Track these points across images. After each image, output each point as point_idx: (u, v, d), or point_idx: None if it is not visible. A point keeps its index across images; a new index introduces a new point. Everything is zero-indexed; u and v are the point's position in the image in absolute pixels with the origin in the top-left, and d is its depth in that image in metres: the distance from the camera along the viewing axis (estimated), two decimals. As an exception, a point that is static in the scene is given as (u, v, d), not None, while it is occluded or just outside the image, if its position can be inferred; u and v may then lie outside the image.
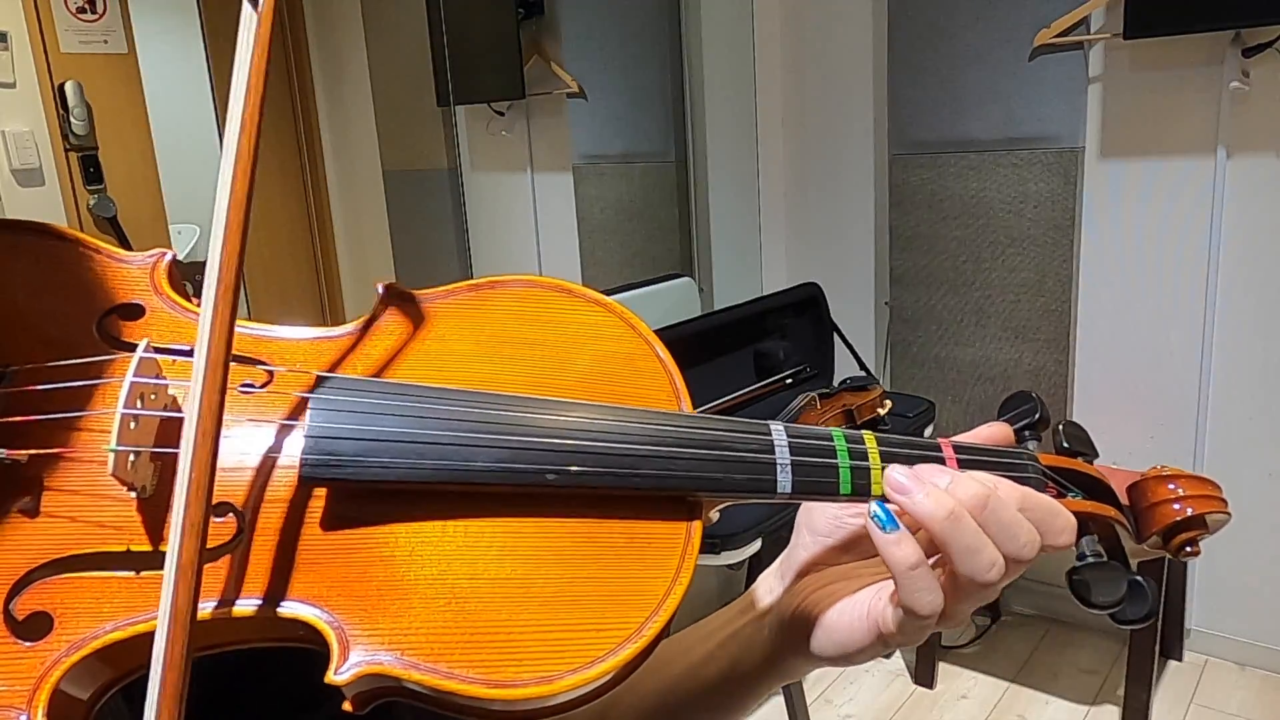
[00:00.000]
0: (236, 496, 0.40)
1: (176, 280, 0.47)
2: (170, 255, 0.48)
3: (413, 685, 0.38)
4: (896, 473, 0.44)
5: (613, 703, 0.44)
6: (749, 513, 2.01)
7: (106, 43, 2.88)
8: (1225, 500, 0.50)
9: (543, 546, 0.41)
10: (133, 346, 0.42)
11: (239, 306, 0.39)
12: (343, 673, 0.37)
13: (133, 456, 0.39)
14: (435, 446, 0.40)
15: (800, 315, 2.76)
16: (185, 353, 0.44)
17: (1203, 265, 2.40)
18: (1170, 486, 0.50)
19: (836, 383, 2.58)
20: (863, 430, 0.46)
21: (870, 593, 0.48)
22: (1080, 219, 2.55)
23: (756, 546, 2.04)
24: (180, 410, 0.42)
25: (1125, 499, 0.51)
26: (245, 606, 0.39)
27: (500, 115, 3.09)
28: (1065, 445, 0.52)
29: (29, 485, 0.40)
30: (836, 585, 0.50)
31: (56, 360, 0.42)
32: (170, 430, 0.41)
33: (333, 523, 0.40)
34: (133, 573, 0.39)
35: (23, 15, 2.66)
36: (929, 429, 2.62)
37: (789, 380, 2.62)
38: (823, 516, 0.52)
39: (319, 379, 0.43)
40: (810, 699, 2.44)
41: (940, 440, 0.47)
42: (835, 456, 0.44)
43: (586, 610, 0.39)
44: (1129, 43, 2.30)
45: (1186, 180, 2.38)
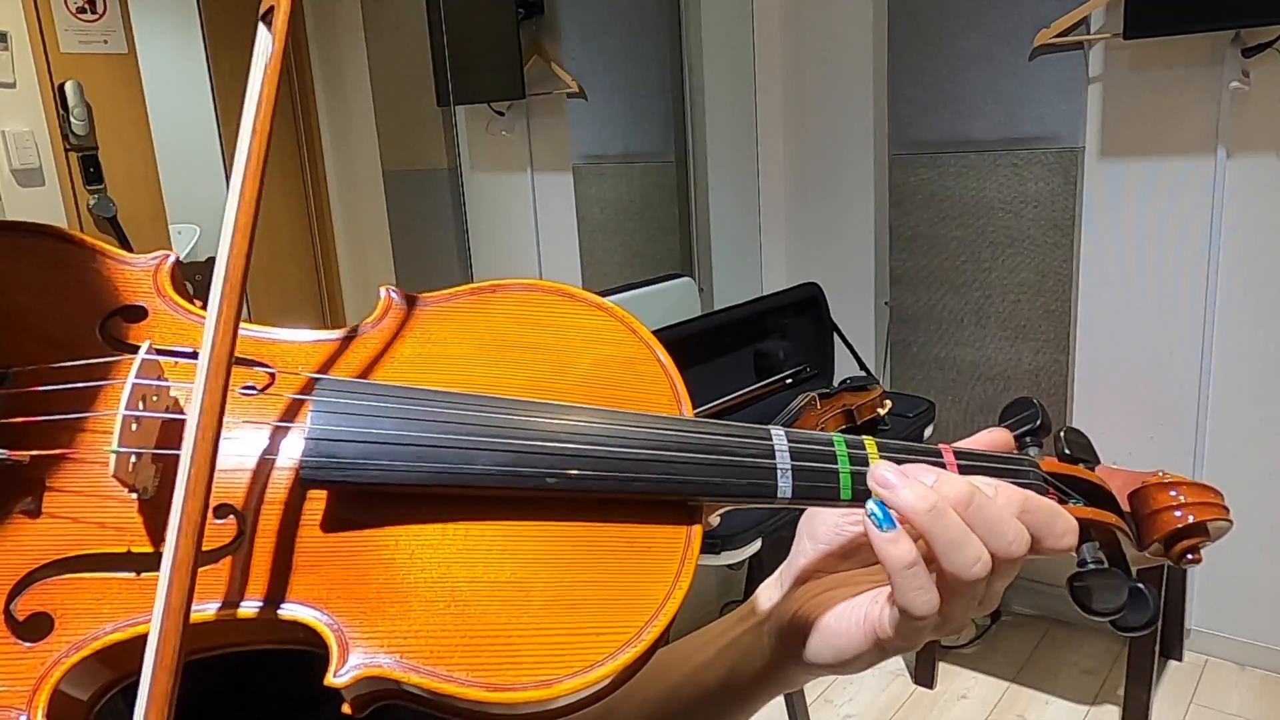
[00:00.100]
0: (237, 498, 0.41)
1: (179, 282, 0.47)
2: (173, 258, 0.48)
3: (412, 688, 0.38)
4: (881, 468, 0.44)
5: (612, 708, 0.44)
6: (749, 513, 2.00)
7: (106, 43, 2.88)
8: (1227, 508, 0.50)
9: (543, 550, 0.41)
10: (135, 348, 0.42)
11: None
12: (342, 675, 0.37)
13: (134, 458, 0.39)
14: (435, 449, 0.40)
15: (800, 315, 2.76)
16: (188, 355, 0.44)
17: (1203, 265, 2.40)
18: (1172, 494, 0.50)
19: (836, 383, 2.58)
20: (864, 435, 0.46)
21: (868, 598, 0.48)
22: (1080, 219, 2.55)
23: (756, 547, 2.04)
24: (182, 412, 0.42)
25: (1126, 506, 0.51)
26: (246, 608, 0.39)
27: (500, 115, 3.09)
28: (1067, 452, 0.51)
29: (31, 486, 0.40)
30: (835, 592, 0.50)
31: (59, 362, 0.43)
32: (172, 432, 0.41)
33: (333, 525, 0.40)
34: (133, 574, 0.39)
35: (23, 15, 2.66)
36: (929, 429, 2.62)
37: (789, 380, 2.62)
38: (824, 524, 0.52)
39: (320, 381, 0.43)
40: (810, 699, 2.44)
41: (941, 446, 0.47)
42: (836, 461, 0.44)
43: (586, 614, 0.39)
44: (1129, 43, 2.30)
45: (1186, 180, 2.38)
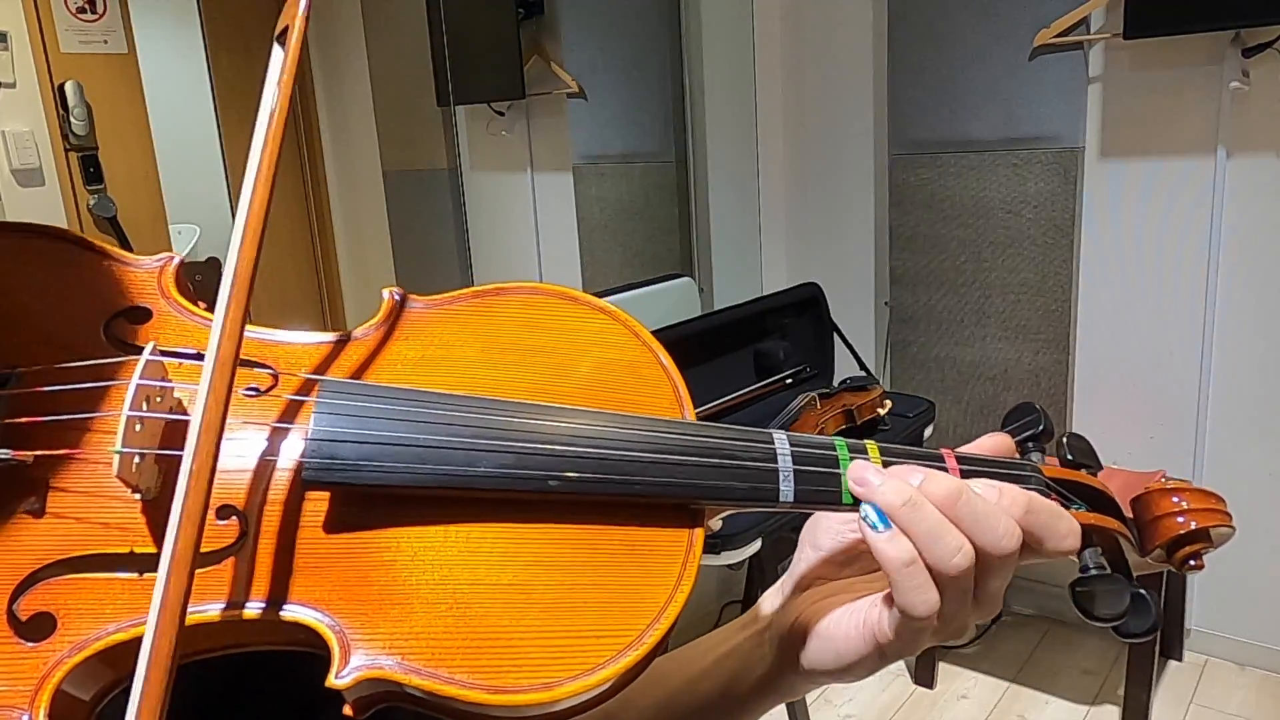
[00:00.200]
0: (240, 499, 0.41)
1: (183, 284, 0.48)
2: (177, 260, 0.48)
3: (413, 690, 0.38)
4: (858, 467, 0.44)
5: (611, 713, 0.44)
6: (750, 514, 2.00)
7: (106, 43, 2.88)
8: (1229, 514, 0.50)
9: (545, 553, 0.41)
10: (139, 349, 0.42)
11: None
12: (343, 677, 0.37)
13: (137, 459, 0.39)
14: (438, 451, 0.41)
15: (800, 315, 2.76)
16: (191, 356, 0.44)
17: (1203, 265, 2.40)
18: (1174, 500, 0.50)
19: (836, 383, 2.58)
20: (866, 440, 0.46)
21: (867, 602, 0.48)
22: (1080, 219, 2.55)
23: (756, 547, 2.04)
24: (186, 413, 0.42)
25: (1128, 511, 0.51)
26: (248, 609, 0.39)
27: (500, 115, 3.09)
28: (1069, 457, 0.51)
29: (35, 486, 0.40)
30: (835, 598, 0.50)
31: (63, 361, 0.43)
32: (175, 433, 0.41)
33: (336, 526, 0.40)
34: (135, 574, 0.39)
35: (23, 15, 2.66)
36: (929, 429, 2.62)
37: (789, 380, 2.62)
38: (825, 530, 0.52)
39: (322, 383, 0.43)
40: (810, 700, 2.44)
41: (943, 450, 0.47)
42: (837, 465, 0.44)
43: (588, 617, 0.39)
44: (1129, 43, 2.30)
45: (1186, 180, 2.38)
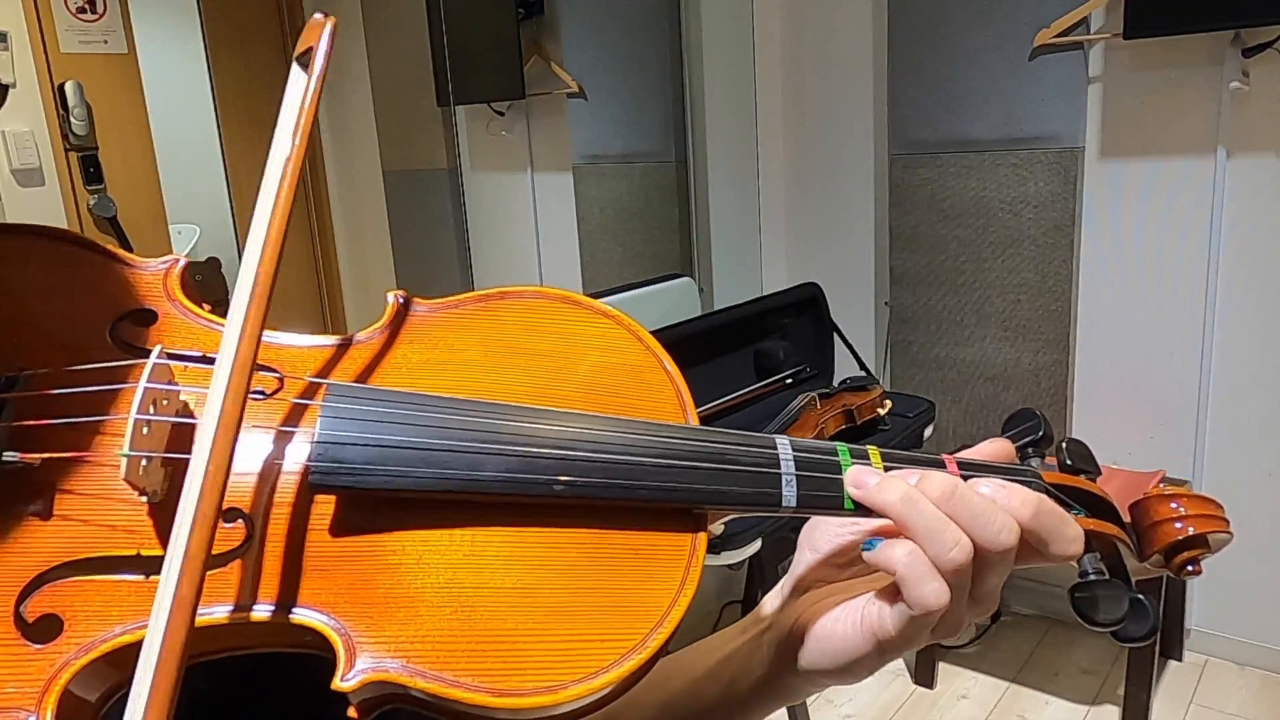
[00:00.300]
0: (245, 502, 0.41)
1: (188, 286, 0.48)
2: (183, 262, 0.48)
3: (418, 692, 0.38)
4: (855, 471, 0.45)
5: (613, 716, 0.44)
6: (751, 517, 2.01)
7: (106, 43, 2.88)
8: (1227, 520, 0.50)
9: (548, 556, 0.41)
10: (145, 352, 0.42)
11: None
12: (349, 679, 0.37)
13: (145, 461, 0.39)
14: (443, 455, 0.41)
15: (800, 315, 2.76)
16: (198, 359, 0.44)
17: (1203, 265, 2.40)
18: (1172, 505, 0.50)
19: (836, 383, 2.58)
20: (868, 445, 0.46)
21: (864, 599, 0.48)
22: (1080, 219, 2.55)
23: (756, 546, 2.04)
24: (192, 416, 0.42)
25: (1127, 516, 0.51)
26: (255, 612, 0.39)
27: (500, 115, 3.09)
28: (1068, 463, 0.51)
29: (42, 489, 0.40)
30: (834, 599, 0.50)
31: (70, 364, 0.43)
32: (182, 436, 0.41)
33: (341, 529, 0.41)
34: (142, 577, 0.39)
35: (23, 15, 2.66)
36: (929, 429, 2.62)
37: (789, 380, 2.62)
38: (824, 533, 0.52)
39: (328, 387, 0.43)
40: (810, 699, 2.44)
41: (944, 456, 0.48)
42: (839, 471, 0.45)
43: (591, 620, 0.39)
44: (1129, 43, 2.30)
45: (1186, 180, 2.38)
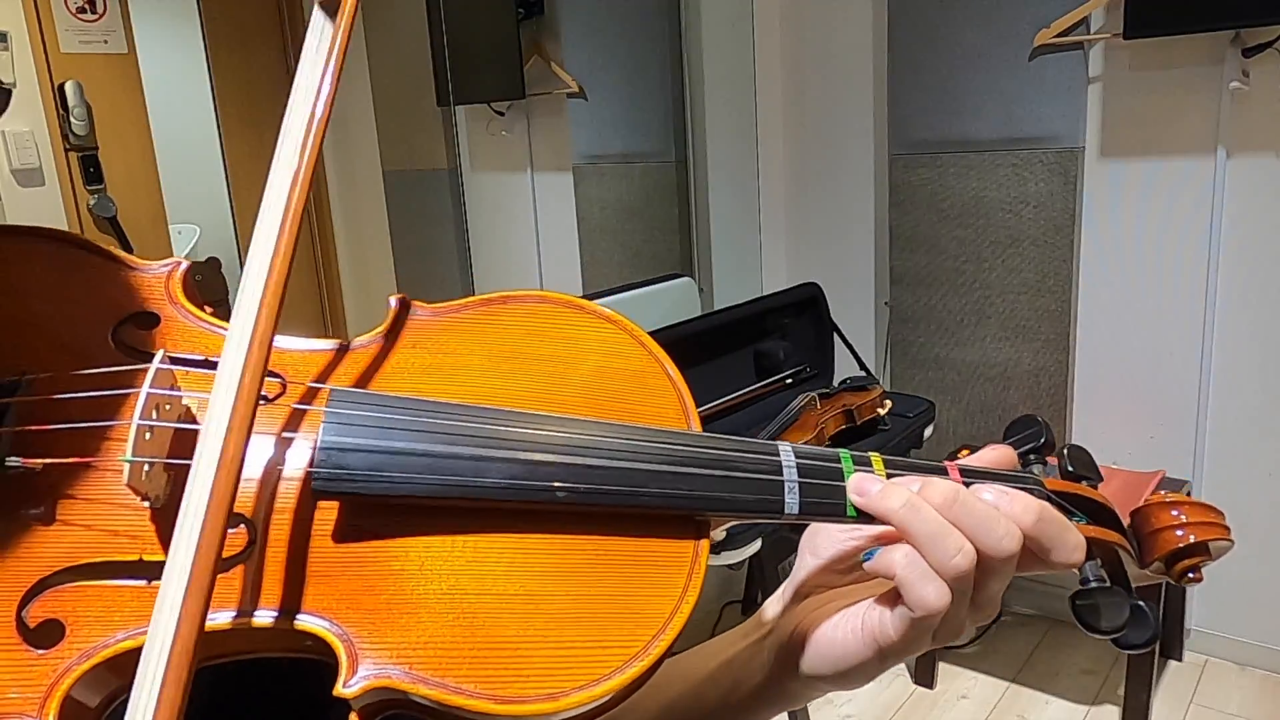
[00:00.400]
0: (248, 507, 0.41)
1: (190, 289, 0.48)
2: (185, 265, 0.48)
3: (420, 699, 0.38)
4: (858, 478, 0.45)
5: (614, 718, 0.44)
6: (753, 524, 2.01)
7: (106, 43, 2.87)
8: (1228, 527, 0.50)
9: (551, 563, 0.41)
10: (147, 356, 0.42)
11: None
12: (351, 686, 0.37)
13: (147, 467, 0.39)
14: (446, 461, 0.41)
15: (800, 315, 2.76)
16: (200, 363, 0.44)
17: (1203, 265, 2.40)
18: (1174, 513, 0.50)
19: (836, 383, 2.58)
20: (871, 452, 0.46)
21: (865, 605, 0.48)
22: (1080, 219, 2.55)
23: (756, 546, 2.04)
24: (195, 422, 0.42)
25: (1127, 523, 0.51)
26: (257, 618, 0.39)
27: (500, 115, 3.09)
28: (1069, 469, 0.51)
29: (45, 493, 0.40)
30: (835, 604, 0.50)
31: (72, 367, 0.43)
32: (184, 441, 0.41)
33: (345, 535, 0.40)
34: (144, 582, 0.39)
35: (23, 15, 2.66)
36: (929, 429, 2.62)
37: (789, 380, 2.62)
38: (825, 538, 0.52)
39: (331, 392, 0.43)
40: (811, 699, 2.44)
41: (946, 463, 0.47)
42: (842, 478, 0.45)
43: (593, 627, 0.39)
44: (1129, 43, 2.30)
45: (1186, 180, 2.38)
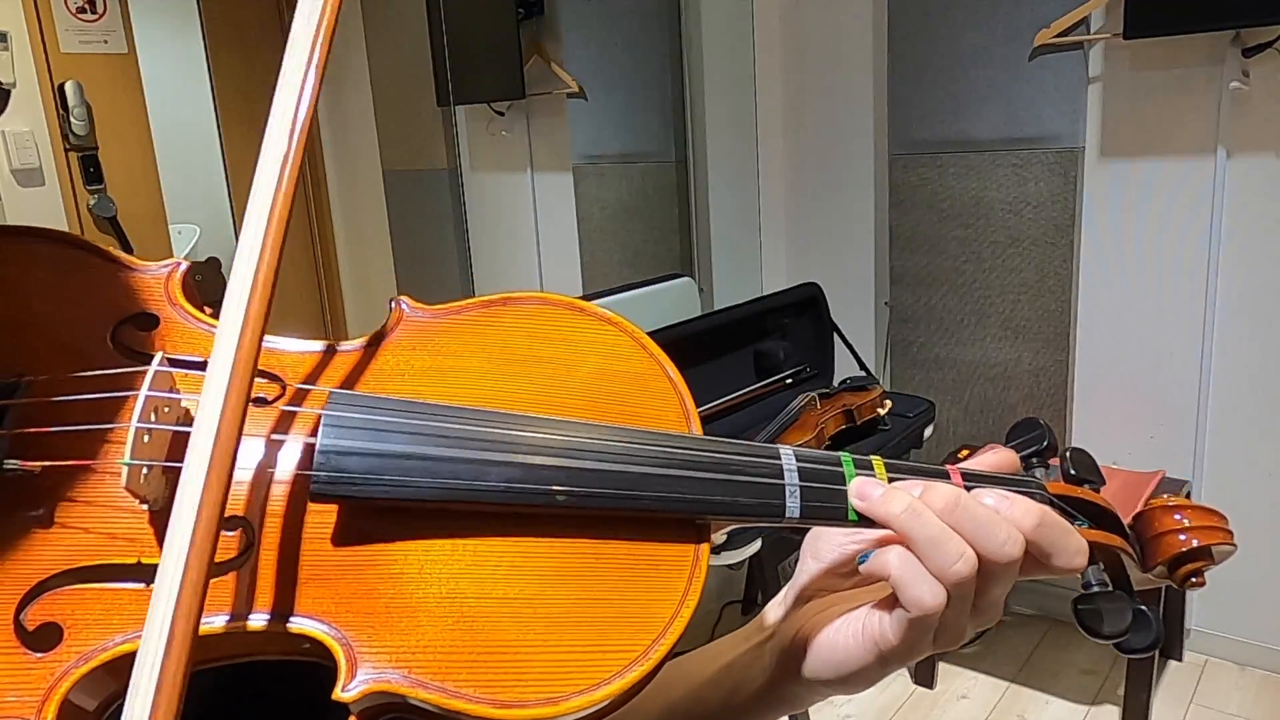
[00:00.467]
0: (247, 510, 0.40)
1: (190, 290, 0.47)
2: (184, 266, 0.48)
3: (419, 703, 0.38)
4: (859, 482, 0.45)
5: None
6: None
7: (106, 43, 2.87)
8: (1231, 531, 0.50)
9: (551, 567, 0.41)
10: (146, 357, 0.42)
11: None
12: (350, 690, 0.37)
13: (146, 470, 0.39)
14: (446, 465, 0.40)
15: (800, 315, 2.76)
16: (199, 365, 0.44)
17: (1203, 265, 2.40)
18: (1176, 517, 0.50)
19: (836, 383, 2.58)
20: (872, 456, 0.46)
21: (865, 609, 0.48)
22: (1080, 219, 2.55)
23: (756, 546, 2.04)
24: (193, 424, 0.42)
25: (1130, 526, 0.51)
26: (254, 621, 0.39)
27: (500, 115, 3.09)
28: (1072, 472, 0.51)
29: (43, 496, 0.40)
30: (837, 608, 0.50)
31: (71, 369, 0.43)
32: (182, 444, 0.41)
33: (343, 538, 0.40)
34: (142, 585, 0.39)
35: (23, 15, 2.66)
36: (929, 429, 2.62)
37: (789, 380, 2.62)
38: (827, 542, 0.52)
39: (331, 395, 0.42)
40: (811, 699, 2.44)
41: (948, 467, 0.47)
42: (844, 482, 0.44)
43: (593, 631, 0.39)
44: (1129, 43, 2.30)
45: (1186, 180, 2.38)
